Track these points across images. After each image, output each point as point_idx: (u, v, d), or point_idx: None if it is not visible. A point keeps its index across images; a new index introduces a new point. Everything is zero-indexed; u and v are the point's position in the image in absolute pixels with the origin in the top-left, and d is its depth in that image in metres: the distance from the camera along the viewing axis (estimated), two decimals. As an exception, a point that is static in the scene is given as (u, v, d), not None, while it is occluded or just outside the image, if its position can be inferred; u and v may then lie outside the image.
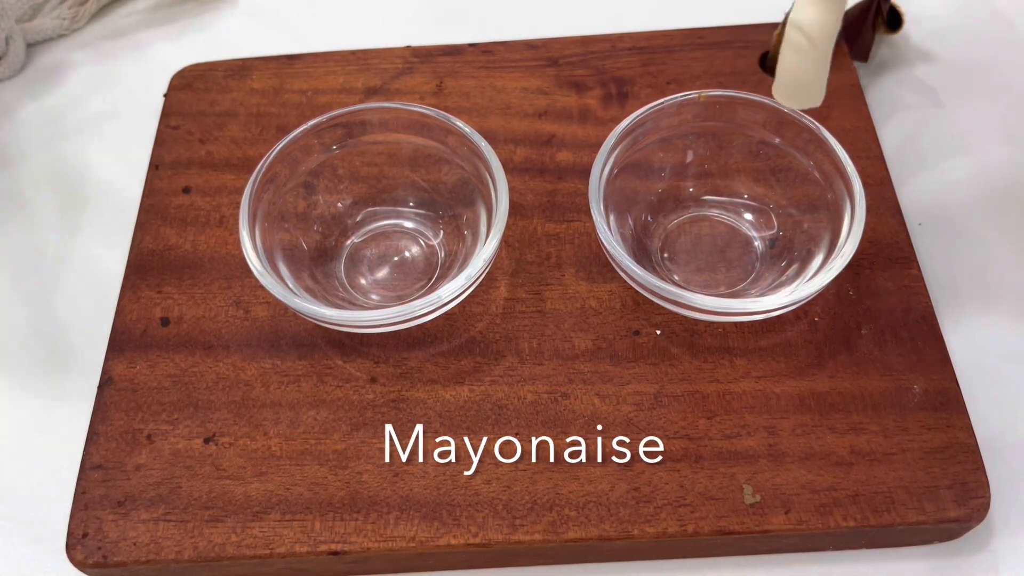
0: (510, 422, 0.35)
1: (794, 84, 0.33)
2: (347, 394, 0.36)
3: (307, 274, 0.38)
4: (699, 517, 0.33)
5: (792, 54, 0.32)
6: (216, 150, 0.43)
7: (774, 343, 0.36)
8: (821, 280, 0.34)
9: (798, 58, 0.32)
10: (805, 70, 0.32)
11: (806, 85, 0.33)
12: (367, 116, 0.39)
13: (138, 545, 0.33)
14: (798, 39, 0.31)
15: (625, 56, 0.45)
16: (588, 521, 0.33)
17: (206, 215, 0.41)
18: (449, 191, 0.39)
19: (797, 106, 0.34)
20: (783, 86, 0.33)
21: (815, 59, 0.32)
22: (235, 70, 0.46)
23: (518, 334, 0.37)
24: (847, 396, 0.35)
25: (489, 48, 0.46)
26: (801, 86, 0.33)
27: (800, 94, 0.33)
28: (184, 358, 0.37)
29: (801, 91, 0.33)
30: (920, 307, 0.37)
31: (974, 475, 0.33)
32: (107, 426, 0.36)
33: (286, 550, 0.33)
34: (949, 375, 0.35)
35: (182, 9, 0.52)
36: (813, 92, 0.33)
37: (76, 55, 0.51)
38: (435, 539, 0.33)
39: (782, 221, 0.39)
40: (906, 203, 0.41)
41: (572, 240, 0.39)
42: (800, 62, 0.32)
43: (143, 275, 0.39)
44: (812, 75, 0.32)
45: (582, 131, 0.43)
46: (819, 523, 0.33)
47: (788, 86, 0.33)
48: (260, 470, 0.35)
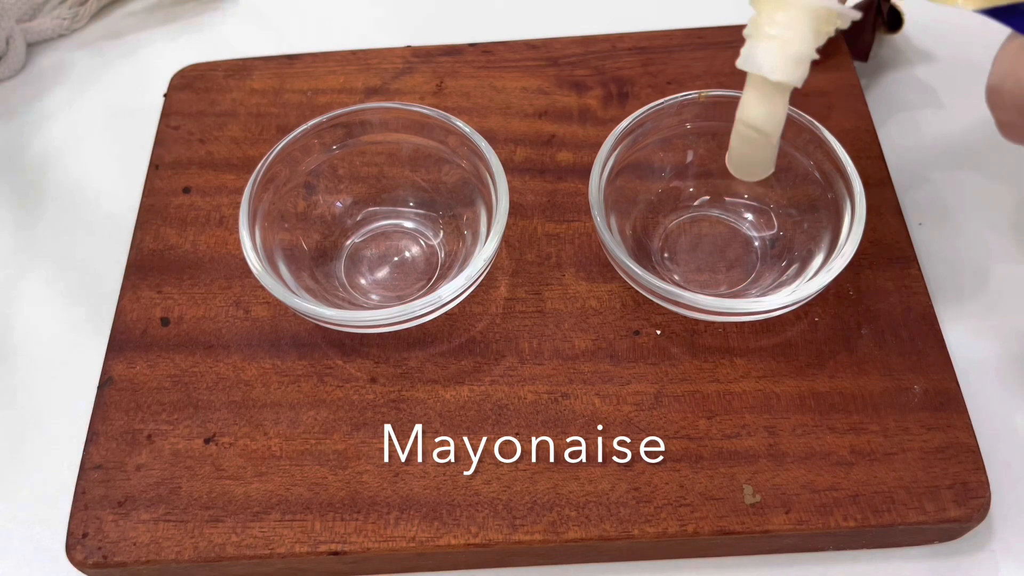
0: (510, 422, 0.35)
1: (746, 164, 0.35)
2: (347, 394, 0.36)
3: (307, 274, 0.38)
4: (699, 517, 0.33)
5: (743, 143, 0.34)
6: (216, 150, 0.43)
7: (774, 343, 0.36)
8: (821, 280, 0.34)
9: (749, 146, 0.34)
10: (756, 155, 0.34)
11: (757, 164, 0.35)
12: (367, 116, 0.39)
13: (138, 545, 0.33)
14: (747, 133, 0.33)
15: (625, 56, 0.45)
16: (588, 521, 0.33)
17: (206, 215, 0.41)
18: (449, 191, 0.39)
19: (749, 180, 0.36)
20: (735, 165, 0.35)
21: (764, 146, 0.34)
22: (235, 70, 0.46)
23: (518, 334, 0.37)
24: (847, 396, 0.35)
25: (489, 48, 0.46)
26: (753, 165, 0.35)
27: (751, 171, 0.36)
28: (184, 358, 0.37)
29: (753, 169, 0.35)
30: (920, 307, 0.37)
31: (974, 475, 0.33)
32: (107, 426, 0.36)
33: (286, 550, 0.33)
34: (949, 375, 0.35)
35: (182, 9, 0.52)
36: (764, 168, 0.35)
37: (76, 55, 0.51)
38: (435, 539, 0.33)
39: (782, 221, 0.39)
40: (906, 203, 0.41)
41: (572, 240, 0.39)
42: (751, 149, 0.34)
43: (143, 275, 0.39)
44: (762, 158, 0.35)
45: (582, 131, 0.43)
46: (819, 523, 0.33)
47: (740, 165, 0.35)
48: (260, 470, 0.35)
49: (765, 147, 0.34)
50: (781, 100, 0.32)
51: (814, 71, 0.38)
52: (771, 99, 0.32)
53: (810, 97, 0.42)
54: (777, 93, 0.32)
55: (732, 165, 0.35)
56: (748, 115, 0.33)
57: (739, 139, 0.34)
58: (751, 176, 0.36)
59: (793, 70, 0.31)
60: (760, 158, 0.34)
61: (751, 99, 0.32)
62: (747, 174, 0.36)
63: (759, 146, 0.34)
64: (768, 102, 0.32)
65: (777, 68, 0.31)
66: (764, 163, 0.35)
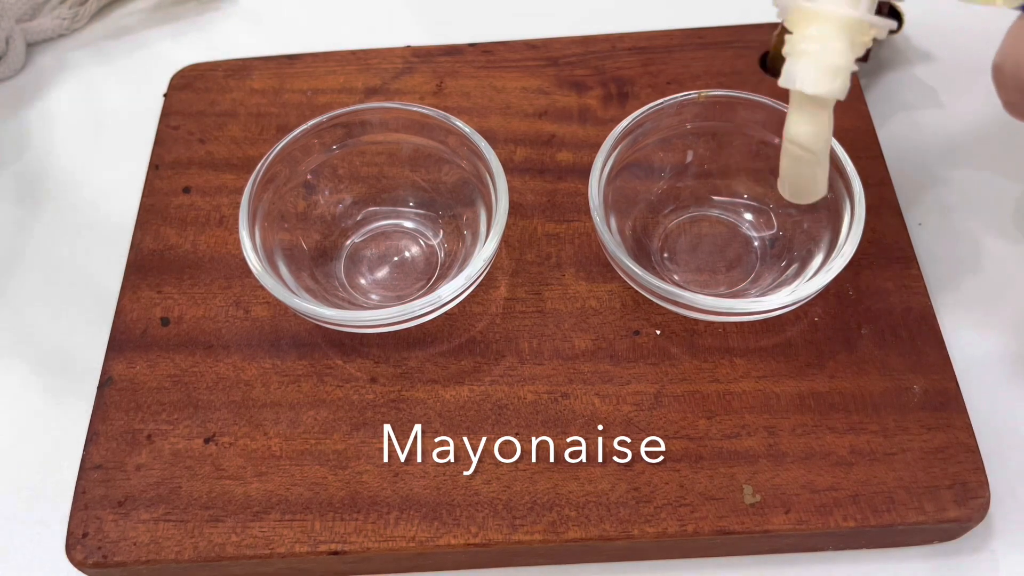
0: (510, 422, 0.35)
1: (798, 186, 0.35)
2: (347, 394, 0.36)
3: (307, 274, 0.38)
4: (699, 517, 0.33)
5: (792, 163, 0.34)
6: (216, 150, 0.43)
7: (774, 343, 0.36)
8: (821, 280, 0.34)
9: (798, 166, 0.34)
10: (806, 174, 0.34)
11: (809, 185, 0.34)
12: (367, 116, 0.39)
13: (138, 545, 0.33)
14: (796, 151, 0.33)
15: (625, 56, 0.45)
16: (588, 521, 0.33)
17: (206, 215, 0.41)
18: (449, 191, 0.39)
19: (803, 202, 0.35)
20: (788, 187, 0.35)
21: (813, 164, 0.33)
22: (235, 70, 0.46)
23: (518, 334, 0.37)
24: (847, 396, 0.35)
25: (489, 48, 0.46)
26: (805, 187, 0.35)
27: (804, 193, 0.35)
28: (184, 358, 0.37)
29: (805, 191, 0.35)
30: (920, 307, 0.37)
31: (974, 475, 0.33)
32: (107, 426, 0.36)
33: (286, 550, 0.33)
34: (949, 375, 0.35)
35: (182, 9, 0.52)
36: (817, 189, 0.35)
37: (76, 55, 0.51)
38: (435, 539, 0.33)
39: (782, 221, 0.39)
40: (906, 203, 0.41)
41: (572, 240, 0.39)
42: (801, 169, 0.34)
43: (143, 275, 0.39)
44: (813, 177, 0.34)
45: (582, 131, 0.43)
46: (819, 523, 0.33)
47: (792, 187, 0.35)
48: (260, 470, 0.35)
49: (814, 166, 0.33)
50: (825, 117, 0.32)
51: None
52: (814, 116, 0.32)
53: (810, 97, 0.42)
54: (820, 109, 0.32)
55: (785, 188, 0.35)
56: (793, 133, 0.33)
57: (788, 159, 0.34)
58: (804, 199, 0.35)
59: (830, 82, 0.31)
60: (810, 178, 0.34)
61: (795, 117, 0.32)
62: (800, 196, 0.35)
63: (808, 164, 0.33)
64: (811, 119, 0.32)
65: (814, 81, 0.31)
66: (815, 184, 0.34)
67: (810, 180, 0.34)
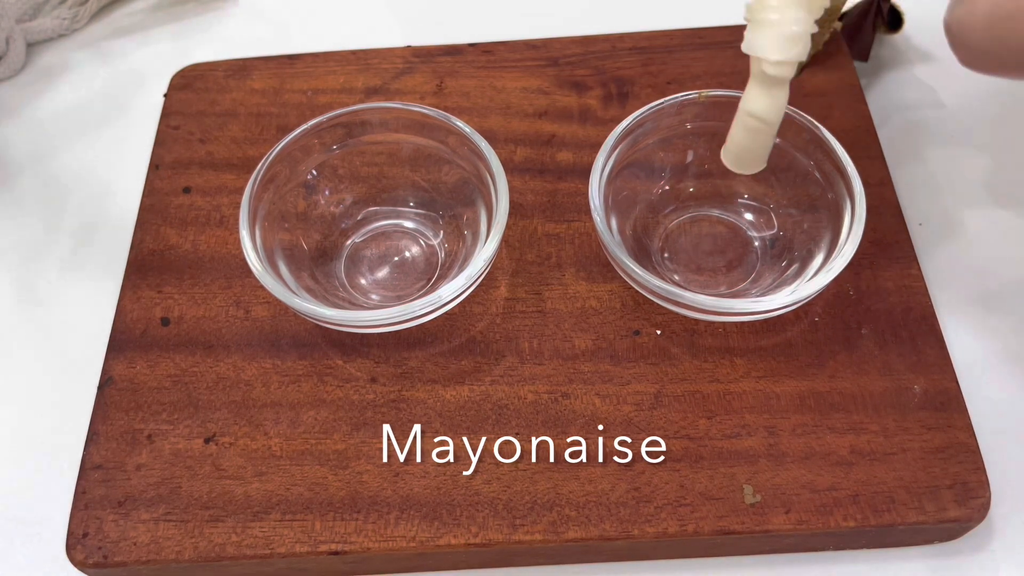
0: (510, 422, 0.35)
1: (744, 155, 0.36)
2: (347, 394, 0.36)
3: (307, 274, 0.38)
4: (699, 517, 0.33)
5: (745, 134, 0.35)
6: (216, 150, 0.43)
7: (774, 343, 0.36)
8: (821, 280, 0.34)
9: (752, 137, 0.35)
10: (757, 145, 0.35)
11: (756, 156, 0.36)
12: (367, 116, 0.39)
13: (138, 545, 0.33)
14: (752, 123, 0.34)
15: (625, 56, 0.45)
16: (588, 521, 0.33)
17: (206, 215, 0.41)
18: (449, 191, 0.39)
19: (745, 173, 0.37)
20: (732, 155, 0.36)
21: (767, 135, 0.35)
22: (235, 70, 0.46)
23: (518, 334, 0.37)
24: (847, 396, 0.35)
25: (489, 48, 0.46)
26: (751, 157, 0.36)
27: (747, 163, 0.36)
28: (184, 358, 0.37)
29: (750, 161, 0.36)
30: (920, 307, 0.37)
31: (974, 475, 0.33)
32: (107, 426, 0.36)
33: (286, 550, 0.33)
34: (949, 375, 0.35)
35: (182, 9, 0.52)
36: (760, 161, 0.36)
37: (76, 55, 0.51)
38: (435, 539, 0.33)
39: (782, 221, 0.39)
40: (906, 203, 0.41)
41: (572, 240, 0.39)
42: (753, 140, 0.35)
43: (143, 275, 0.39)
44: (761, 149, 0.35)
45: (582, 131, 0.43)
46: (819, 523, 0.33)
47: (737, 155, 0.36)
48: (260, 470, 0.35)
49: (767, 137, 0.35)
50: (782, 90, 0.33)
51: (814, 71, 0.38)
52: (772, 88, 0.33)
53: (810, 97, 0.42)
54: (778, 82, 0.33)
55: (729, 157, 0.36)
56: (751, 105, 0.34)
57: (742, 129, 0.35)
58: (747, 169, 0.36)
59: (790, 48, 0.32)
60: (759, 149, 0.35)
61: (754, 89, 0.33)
62: (744, 167, 0.36)
63: (761, 135, 0.34)
64: (770, 92, 0.33)
65: (775, 48, 0.32)
66: (761, 155, 0.35)
67: (758, 150, 0.35)
